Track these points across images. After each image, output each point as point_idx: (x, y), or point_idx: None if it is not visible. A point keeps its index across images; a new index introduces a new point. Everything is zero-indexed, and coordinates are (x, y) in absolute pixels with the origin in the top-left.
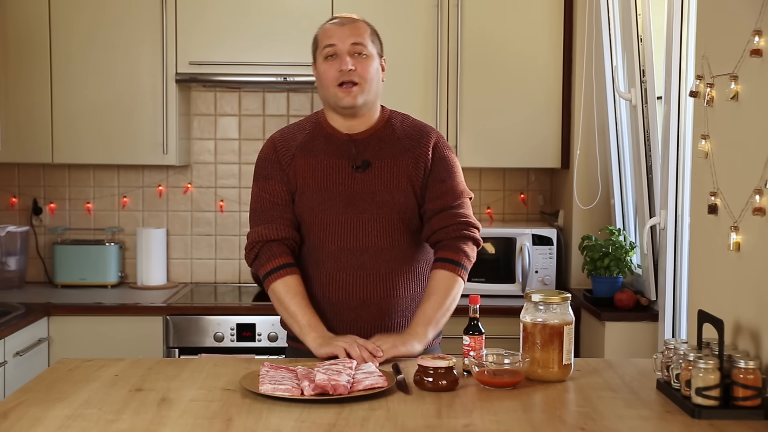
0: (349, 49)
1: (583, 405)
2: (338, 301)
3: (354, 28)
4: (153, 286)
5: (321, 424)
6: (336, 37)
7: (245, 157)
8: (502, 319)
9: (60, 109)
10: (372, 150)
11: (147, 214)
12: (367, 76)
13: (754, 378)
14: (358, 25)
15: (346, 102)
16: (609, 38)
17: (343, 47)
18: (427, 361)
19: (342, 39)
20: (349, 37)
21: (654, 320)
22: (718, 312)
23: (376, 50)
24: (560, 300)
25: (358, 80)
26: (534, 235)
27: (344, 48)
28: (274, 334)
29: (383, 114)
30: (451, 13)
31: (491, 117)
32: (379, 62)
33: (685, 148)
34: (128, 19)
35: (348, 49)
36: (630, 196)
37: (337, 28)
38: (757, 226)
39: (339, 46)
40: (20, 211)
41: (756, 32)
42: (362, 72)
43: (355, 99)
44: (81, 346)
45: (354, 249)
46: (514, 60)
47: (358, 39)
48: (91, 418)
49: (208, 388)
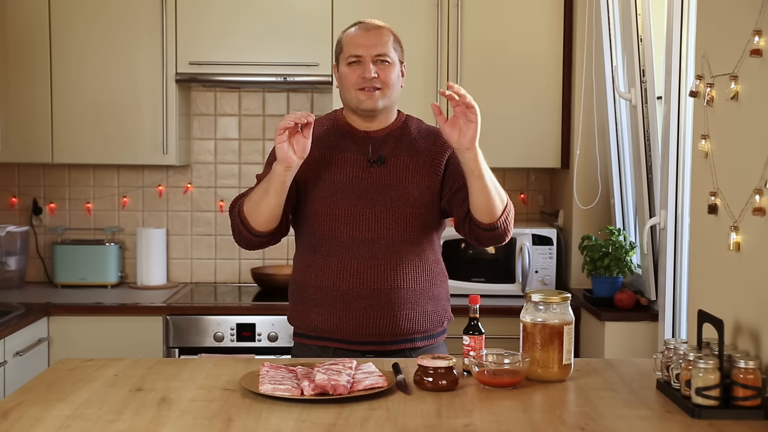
0: (372, 58)
1: (583, 405)
2: (349, 289)
3: (379, 35)
4: (153, 286)
5: (321, 424)
6: (361, 47)
7: (245, 157)
8: (502, 319)
9: (60, 109)
10: (388, 147)
11: (147, 214)
12: (389, 81)
13: (754, 378)
14: (382, 32)
15: (367, 105)
16: (609, 38)
17: (367, 56)
18: (427, 361)
19: (367, 48)
20: (373, 46)
21: (654, 320)
22: (718, 312)
23: (398, 57)
24: (560, 300)
25: (381, 85)
26: (534, 235)
27: (368, 57)
28: (274, 334)
29: (400, 117)
30: (451, 13)
31: (491, 117)
32: (400, 68)
33: (685, 148)
34: (128, 19)
35: (372, 57)
36: (630, 196)
37: (362, 35)
38: (757, 226)
39: (363, 55)
40: (20, 211)
41: (756, 32)
42: (384, 78)
43: (376, 102)
44: (81, 346)
45: (366, 239)
46: (514, 60)
47: (382, 49)
48: (91, 418)
49: (208, 388)
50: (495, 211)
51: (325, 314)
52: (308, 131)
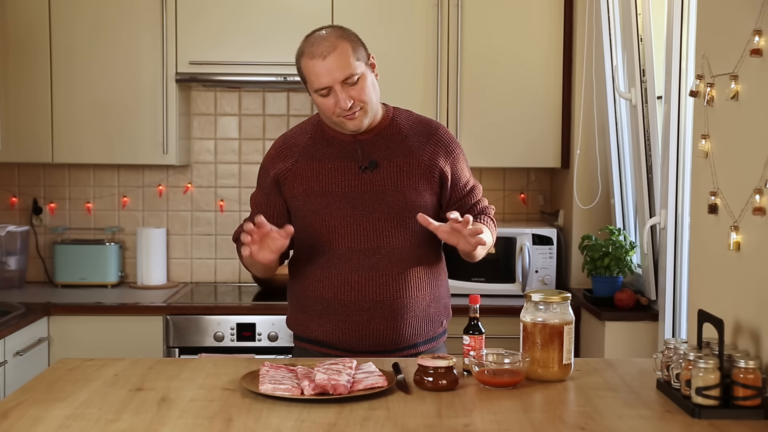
0: (341, 84)
1: (583, 405)
2: (351, 302)
3: (337, 57)
4: (153, 285)
5: (321, 423)
6: (324, 75)
7: (245, 156)
8: (502, 318)
9: (60, 109)
10: (379, 150)
11: (147, 214)
12: (366, 98)
13: (754, 378)
14: (339, 52)
15: (351, 127)
16: (609, 38)
17: (335, 83)
18: (427, 361)
19: (331, 74)
20: (337, 70)
21: (654, 320)
22: (718, 312)
23: (364, 62)
24: (560, 300)
25: (360, 105)
26: (534, 234)
27: (337, 84)
28: (274, 334)
29: (386, 113)
30: (451, 13)
31: (491, 117)
32: (370, 71)
33: (685, 147)
34: (128, 19)
35: (340, 83)
36: (630, 196)
37: (320, 64)
38: (757, 226)
39: (330, 83)
40: (20, 211)
41: (756, 32)
42: (360, 97)
43: (360, 123)
44: (81, 346)
45: (365, 250)
46: (514, 60)
47: (347, 71)
48: (91, 417)
49: (208, 388)
50: (476, 258)
51: (326, 325)
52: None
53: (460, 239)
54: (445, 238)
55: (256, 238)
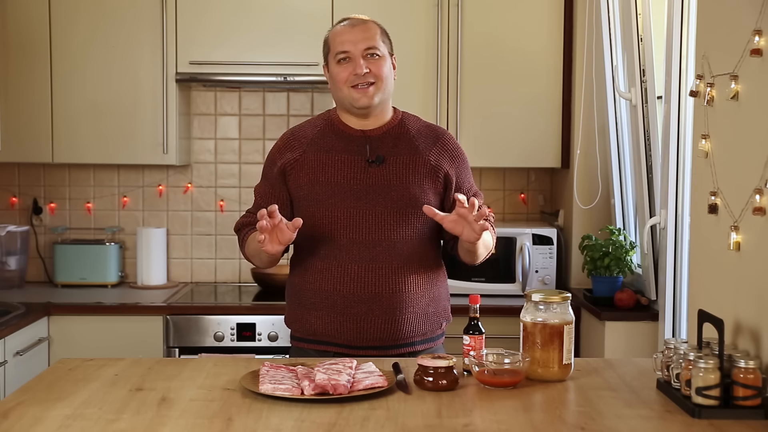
0: (362, 53)
1: (583, 405)
2: (349, 293)
3: (365, 30)
4: (153, 285)
5: (321, 423)
6: (348, 42)
7: (245, 156)
8: (502, 318)
9: (60, 109)
10: (387, 146)
11: (147, 214)
12: (381, 74)
13: (754, 378)
14: (368, 27)
15: (362, 102)
16: (609, 38)
17: (356, 51)
18: (427, 361)
19: (354, 43)
20: (361, 41)
21: (654, 320)
22: (718, 312)
23: (387, 50)
24: (560, 299)
25: (374, 80)
26: (534, 234)
27: (357, 52)
28: (274, 333)
29: (396, 114)
30: (451, 12)
31: (491, 117)
32: (391, 61)
33: (685, 147)
34: (128, 19)
35: (361, 53)
36: (630, 196)
37: (348, 31)
38: (757, 226)
39: (352, 51)
40: (20, 211)
41: (756, 32)
42: (377, 71)
43: (371, 99)
44: (81, 346)
45: (366, 242)
46: (514, 60)
47: (371, 42)
48: (91, 417)
49: (208, 388)
50: (477, 259)
51: (324, 318)
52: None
53: (465, 227)
54: (450, 228)
55: (269, 227)
